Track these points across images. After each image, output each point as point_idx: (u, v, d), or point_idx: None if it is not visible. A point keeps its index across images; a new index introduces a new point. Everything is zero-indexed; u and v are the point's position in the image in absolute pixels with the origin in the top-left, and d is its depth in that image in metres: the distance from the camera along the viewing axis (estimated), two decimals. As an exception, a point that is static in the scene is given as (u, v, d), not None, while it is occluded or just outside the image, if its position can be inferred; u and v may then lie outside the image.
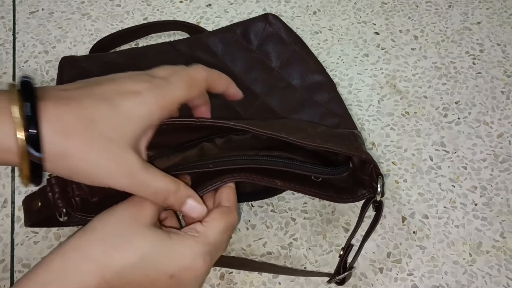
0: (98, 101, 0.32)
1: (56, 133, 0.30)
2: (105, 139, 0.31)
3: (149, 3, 0.67)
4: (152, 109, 0.34)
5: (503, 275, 0.46)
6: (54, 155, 0.31)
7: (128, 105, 0.33)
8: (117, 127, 0.32)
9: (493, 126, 0.56)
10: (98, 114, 0.32)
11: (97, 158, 0.31)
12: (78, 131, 0.31)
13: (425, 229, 0.49)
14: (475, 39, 0.64)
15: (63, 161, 0.31)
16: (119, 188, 0.33)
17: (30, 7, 0.67)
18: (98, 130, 0.31)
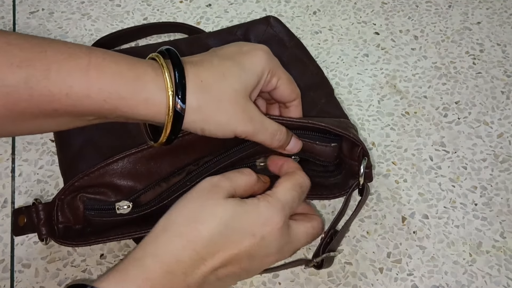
0: (225, 59, 0.39)
1: (197, 89, 0.36)
2: (233, 90, 0.37)
3: (149, 3, 0.67)
4: (264, 66, 0.39)
5: (503, 275, 0.46)
6: (194, 107, 0.36)
7: (249, 61, 0.39)
8: (242, 79, 0.38)
9: (493, 126, 0.56)
10: (226, 70, 0.38)
11: (228, 107, 0.37)
12: (213, 85, 0.37)
13: (425, 229, 0.49)
14: (475, 39, 0.64)
15: (200, 113, 0.37)
16: (245, 134, 0.39)
17: (30, 7, 0.67)
18: (228, 82, 0.37)
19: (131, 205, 0.40)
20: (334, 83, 0.59)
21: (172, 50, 0.37)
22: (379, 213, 0.50)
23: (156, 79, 0.36)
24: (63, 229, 0.41)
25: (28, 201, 0.50)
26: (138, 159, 0.40)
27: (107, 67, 0.35)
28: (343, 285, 0.46)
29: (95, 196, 0.40)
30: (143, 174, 0.40)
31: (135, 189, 0.40)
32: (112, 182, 0.40)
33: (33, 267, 0.46)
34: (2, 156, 0.53)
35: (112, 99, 0.35)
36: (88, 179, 0.40)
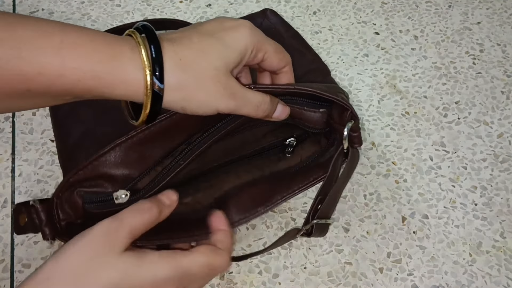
0: (205, 35, 0.37)
1: (175, 68, 0.35)
2: (213, 68, 0.36)
3: (149, 3, 0.67)
4: (247, 43, 0.38)
5: (503, 275, 0.46)
6: (173, 86, 0.35)
7: (230, 38, 0.38)
8: (223, 57, 0.37)
9: (493, 126, 0.56)
10: (206, 46, 0.37)
11: (209, 85, 0.36)
12: (192, 64, 0.36)
13: (425, 229, 0.49)
14: (475, 39, 0.64)
15: (180, 92, 0.36)
16: (228, 110, 0.38)
17: (30, 7, 0.67)
18: (208, 59, 0.36)
19: (128, 194, 0.39)
20: (334, 83, 0.60)
21: (148, 26, 0.36)
22: (379, 213, 0.50)
23: (133, 58, 0.34)
24: (66, 226, 0.40)
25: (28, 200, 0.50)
26: (129, 146, 0.39)
27: (82, 46, 0.33)
28: (343, 285, 0.46)
29: (91, 189, 0.40)
30: (136, 161, 0.40)
31: (130, 177, 0.40)
32: (106, 173, 0.40)
33: (33, 267, 0.46)
34: (2, 156, 0.53)
35: (87, 79, 0.33)
36: (82, 173, 0.39)
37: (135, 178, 0.40)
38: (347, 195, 0.51)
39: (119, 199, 0.39)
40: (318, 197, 0.42)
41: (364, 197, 0.51)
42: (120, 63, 0.34)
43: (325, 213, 0.43)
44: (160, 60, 0.35)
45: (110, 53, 0.34)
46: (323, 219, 0.42)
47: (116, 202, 0.39)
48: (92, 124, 0.47)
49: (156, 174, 0.41)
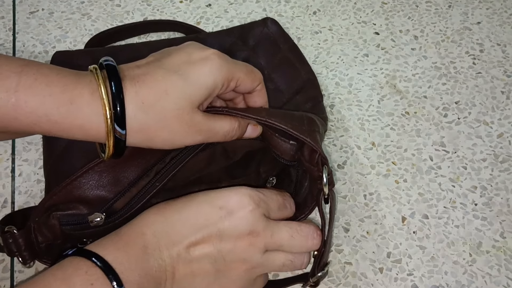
0: (170, 72, 0.36)
1: (137, 111, 0.35)
2: (177, 108, 0.36)
3: (149, 3, 0.67)
4: (216, 79, 0.37)
5: (503, 275, 0.46)
6: (135, 130, 0.35)
7: (197, 74, 0.37)
8: (187, 96, 0.36)
9: (493, 126, 0.56)
10: (170, 86, 0.36)
11: (172, 125, 0.36)
12: (155, 105, 0.35)
13: (425, 229, 0.49)
14: (475, 39, 0.64)
15: (143, 134, 0.35)
16: (195, 143, 0.39)
17: (30, 7, 0.67)
18: (171, 100, 0.35)
19: (103, 216, 0.39)
20: (334, 83, 0.59)
21: (111, 66, 0.35)
22: (379, 213, 0.50)
23: (92, 103, 0.34)
24: (45, 247, 0.41)
25: (28, 201, 0.50)
26: (102, 169, 0.40)
27: (38, 89, 0.33)
28: (343, 285, 0.46)
29: (67, 212, 0.40)
30: (110, 183, 0.40)
31: (105, 199, 0.40)
32: (81, 196, 0.40)
33: (33, 267, 0.46)
34: (2, 156, 0.53)
35: (42, 123, 0.33)
36: (57, 198, 0.39)
37: (110, 200, 0.40)
38: (347, 195, 0.51)
39: (94, 222, 0.39)
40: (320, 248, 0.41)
41: (364, 197, 0.51)
42: (77, 108, 0.33)
43: (325, 260, 0.43)
44: (122, 106, 0.34)
45: (67, 98, 0.33)
46: (325, 266, 0.42)
47: (92, 224, 0.39)
48: None
49: (131, 196, 0.41)
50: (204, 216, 0.37)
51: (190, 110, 0.36)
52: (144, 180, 0.40)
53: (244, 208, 0.37)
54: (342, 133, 0.56)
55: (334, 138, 0.55)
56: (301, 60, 0.56)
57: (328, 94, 0.59)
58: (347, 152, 0.54)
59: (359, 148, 0.54)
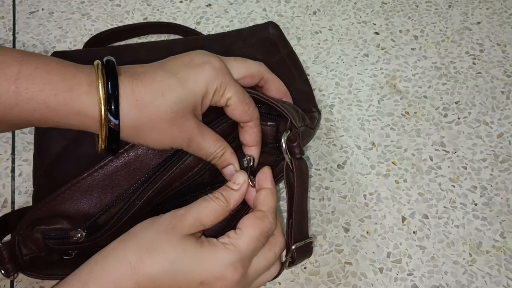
0: (169, 74, 0.37)
1: (131, 108, 0.35)
2: (170, 110, 0.36)
3: (149, 3, 0.67)
4: (209, 84, 0.37)
5: (503, 275, 0.46)
6: (128, 125, 0.35)
7: (193, 78, 0.37)
8: (182, 99, 0.36)
9: (493, 126, 0.56)
10: (167, 88, 0.36)
11: (163, 127, 0.36)
12: (149, 105, 0.35)
13: (425, 229, 0.49)
14: (475, 39, 0.64)
15: (135, 131, 0.36)
16: (180, 148, 0.38)
17: (30, 7, 0.67)
18: (165, 102, 0.36)
19: (83, 233, 0.40)
20: (334, 83, 0.60)
21: (111, 62, 0.36)
22: (379, 213, 0.50)
23: (90, 93, 0.35)
24: (29, 260, 0.41)
25: (28, 200, 0.50)
26: (85, 186, 0.40)
27: (38, 77, 0.34)
28: (343, 285, 0.46)
29: (50, 226, 0.40)
30: (95, 198, 0.40)
31: (89, 215, 0.40)
32: (64, 212, 0.40)
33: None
34: (2, 156, 0.53)
35: (41, 109, 0.34)
36: (40, 212, 0.40)
37: (93, 216, 0.40)
38: (347, 195, 0.51)
39: (75, 238, 0.40)
40: (288, 221, 0.40)
41: (364, 197, 0.51)
42: (75, 96, 0.34)
43: (300, 233, 0.40)
44: (116, 99, 0.35)
45: (65, 86, 0.34)
46: (301, 240, 0.40)
47: (72, 240, 0.40)
48: (73, 141, 0.47)
49: (114, 212, 0.40)
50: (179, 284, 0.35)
51: (183, 114, 0.37)
52: (126, 198, 0.40)
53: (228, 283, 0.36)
54: (342, 133, 0.56)
55: (334, 138, 0.55)
56: (298, 67, 0.55)
57: (328, 94, 0.59)
58: (347, 152, 0.54)
59: (359, 148, 0.54)
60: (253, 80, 0.42)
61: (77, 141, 0.46)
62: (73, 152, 0.46)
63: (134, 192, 0.40)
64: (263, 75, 0.43)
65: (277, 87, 0.44)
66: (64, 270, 0.42)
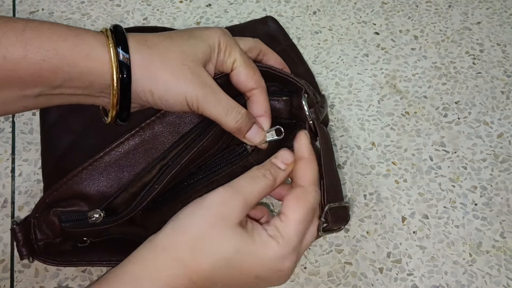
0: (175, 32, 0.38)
1: (140, 45, 0.35)
2: (181, 51, 0.36)
3: (149, 3, 0.67)
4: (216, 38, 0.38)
5: (503, 275, 0.46)
6: (138, 63, 0.35)
7: (200, 32, 0.38)
8: (191, 44, 0.36)
9: (493, 126, 0.56)
10: (175, 35, 0.37)
11: (175, 66, 0.35)
12: (158, 44, 0.36)
13: (425, 229, 0.49)
14: (475, 39, 0.64)
15: (146, 69, 0.35)
16: (194, 100, 0.36)
17: (30, 7, 0.67)
18: (175, 43, 0.36)
19: (103, 214, 0.39)
20: (334, 83, 0.60)
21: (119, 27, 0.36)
22: (379, 213, 0.50)
23: (97, 36, 0.35)
24: (44, 246, 0.40)
25: (28, 201, 0.50)
26: (104, 164, 0.39)
27: (45, 28, 0.34)
28: (343, 285, 0.46)
29: (67, 208, 0.39)
30: (112, 178, 0.39)
31: (106, 196, 0.39)
32: (81, 192, 0.39)
33: (33, 267, 0.46)
34: (2, 156, 0.53)
35: (50, 58, 0.33)
36: (57, 194, 0.39)
37: (110, 197, 0.39)
38: (347, 195, 0.51)
39: (93, 219, 0.39)
40: (320, 182, 0.38)
41: (364, 197, 0.51)
42: (82, 40, 0.34)
43: (334, 195, 0.39)
44: (124, 36, 0.35)
45: (72, 33, 0.34)
46: (336, 202, 0.38)
47: (90, 221, 0.39)
48: (80, 134, 0.47)
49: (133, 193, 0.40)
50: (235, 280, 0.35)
51: (193, 58, 0.36)
52: (147, 176, 0.40)
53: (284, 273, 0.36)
54: (342, 133, 0.56)
55: (334, 138, 0.55)
56: (300, 58, 0.56)
57: (328, 94, 0.59)
58: (347, 152, 0.54)
59: (359, 148, 0.54)
60: (251, 53, 0.42)
61: (85, 134, 0.46)
62: (81, 145, 0.46)
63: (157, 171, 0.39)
64: (260, 48, 0.43)
65: (275, 58, 0.44)
66: (79, 256, 0.42)
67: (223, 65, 0.39)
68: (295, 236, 0.35)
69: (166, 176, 0.39)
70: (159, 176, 0.39)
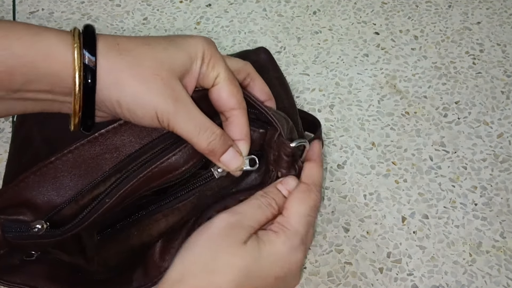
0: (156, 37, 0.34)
1: (109, 49, 0.32)
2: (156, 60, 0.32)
3: (149, 3, 0.67)
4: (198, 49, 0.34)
5: (503, 275, 0.46)
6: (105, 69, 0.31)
7: (182, 41, 0.34)
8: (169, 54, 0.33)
9: (493, 126, 0.56)
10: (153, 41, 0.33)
11: (146, 75, 0.32)
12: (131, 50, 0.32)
13: (425, 229, 0.49)
14: (475, 39, 0.64)
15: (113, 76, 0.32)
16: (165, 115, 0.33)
17: (30, 7, 0.67)
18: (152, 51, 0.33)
19: (45, 225, 0.35)
20: (334, 83, 0.60)
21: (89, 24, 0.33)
22: (379, 213, 0.50)
23: (61, 35, 0.31)
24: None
25: (28, 201, 0.50)
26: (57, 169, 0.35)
27: (4, 27, 0.31)
28: (343, 285, 0.46)
29: (12, 217, 0.36)
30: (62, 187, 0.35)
31: (54, 205, 0.35)
32: (28, 200, 0.35)
33: None
34: (2, 156, 0.53)
35: (5, 58, 0.30)
36: (3, 200, 0.35)
37: (56, 207, 0.35)
38: (347, 195, 0.51)
39: (35, 230, 0.35)
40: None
41: (364, 197, 0.51)
42: (42, 38, 0.31)
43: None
44: (93, 37, 0.32)
45: (30, 32, 0.31)
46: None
47: (32, 232, 0.35)
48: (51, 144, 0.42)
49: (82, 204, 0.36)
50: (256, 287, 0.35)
51: (169, 69, 0.33)
52: (100, 188, 0.36)
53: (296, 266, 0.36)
54: (342, 133, 0.56)
55: (334, 138, 0.55)
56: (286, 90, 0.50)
57: (328, 94, 0.59)
58: (347, 152, 0.54)
59: (359, 148, 0.54)
60: (239, 76, 0.39)
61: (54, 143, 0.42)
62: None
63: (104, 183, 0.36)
64: (249, 71, 0.39)
65: (262, 87, 0.41)
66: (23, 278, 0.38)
67: (204, 79, 0.35)
68: (299, 226, 0.36)
69: (119, 190, 0.35)
70: (112, 188, 0.36)
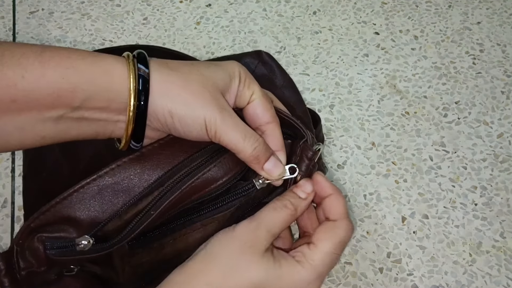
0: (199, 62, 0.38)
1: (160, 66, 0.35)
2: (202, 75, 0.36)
3: (149, 3, 0.67)
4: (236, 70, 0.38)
5: (503, 275, 0.46)
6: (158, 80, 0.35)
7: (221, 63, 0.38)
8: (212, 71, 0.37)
9: (493, 126, 0.56)
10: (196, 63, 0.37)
11: (195, 87, 0.35)
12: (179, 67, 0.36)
13: (425, 229, 0.49)
14: (475, 39, 0.64)
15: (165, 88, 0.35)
16: (213, 123, 0.35)
17: (30, 7, 0.67)
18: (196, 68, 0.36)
19: (91, 240, 0.36)
20: (334, 83, 0.60)
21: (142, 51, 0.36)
22: (379, 213, 0.50)
23: (117, 57, 0.35)
24: (27, 276, 0.37)
25: (28, 201, 0.50)
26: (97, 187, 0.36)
27: (63, 50, 0.34)
28: (343, 285, 0.46)
29: (54, 234, 0.36)
30: (105, 203, 0.37)
31: (96, 221, 0.36)
32: (71, 217, 0.36)
33: (33, 267, 0.46)
34: (2, 156, 0.53)
35: (69, 75, 0.33)
36: (44, 217, 0.36)
37: (100, 223, 0.36)
38: (347, 195, 0.51)
39: (81, 245, 0.36)
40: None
41: (364, 197, 0.51)
42: (102, 58, 0.35)
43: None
44: (145, 56, 0.35)
45: (91, 54, 0.35)
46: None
47: (78, 248, 0.36)
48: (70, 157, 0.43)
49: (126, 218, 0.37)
50: None
51: (213, 84, 0.36)
52: (143, 202, 0.37)
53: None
54: (342, 133, 0.56)
55: (334, 138, 0.55)
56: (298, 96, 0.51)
57: (328, 94, 0.59)
58: (347, 152, 0.54)
59: (359, 148, 0.54)
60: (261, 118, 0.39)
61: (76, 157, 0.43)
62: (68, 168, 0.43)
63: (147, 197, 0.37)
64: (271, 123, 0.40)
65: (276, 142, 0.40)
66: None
67: (241, 97, 0.38)
68: (321, 265, 0.36)
69: (163, 202, 0.36)
70: (156, 201, 0.37)
